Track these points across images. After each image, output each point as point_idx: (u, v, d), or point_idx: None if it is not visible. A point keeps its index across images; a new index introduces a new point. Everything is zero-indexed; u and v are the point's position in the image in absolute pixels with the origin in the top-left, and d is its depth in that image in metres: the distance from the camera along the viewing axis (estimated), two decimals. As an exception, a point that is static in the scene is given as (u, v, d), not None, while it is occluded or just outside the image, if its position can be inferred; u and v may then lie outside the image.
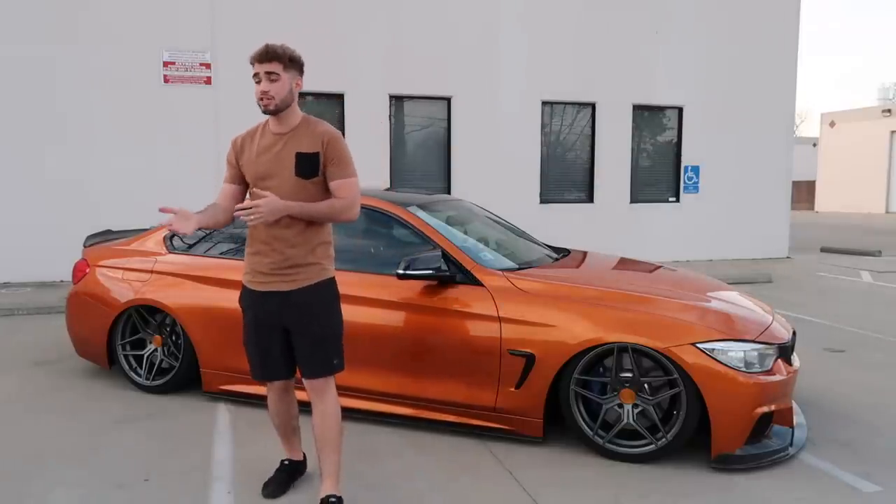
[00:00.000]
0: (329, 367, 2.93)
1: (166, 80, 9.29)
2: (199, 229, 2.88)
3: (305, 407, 3.17)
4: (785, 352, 3.60)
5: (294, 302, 2.87)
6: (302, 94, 9.70)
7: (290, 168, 2.82)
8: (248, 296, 2.98)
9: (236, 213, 2.68)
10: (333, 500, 2.92)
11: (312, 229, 2.88)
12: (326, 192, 2.88)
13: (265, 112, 2.84)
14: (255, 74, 2.79)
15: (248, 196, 3.06)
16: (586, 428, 3.54)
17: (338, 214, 2.85)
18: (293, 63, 2.83)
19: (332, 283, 2.98)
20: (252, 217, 2.64)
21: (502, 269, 3.90)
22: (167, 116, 9.28)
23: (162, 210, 2.71)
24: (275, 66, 2.77)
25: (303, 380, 2.94)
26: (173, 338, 4.55)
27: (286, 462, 3.27)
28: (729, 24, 11.78)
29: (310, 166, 2.82)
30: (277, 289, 2.87)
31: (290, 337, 2.94)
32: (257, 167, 2.88)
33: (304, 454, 3.33)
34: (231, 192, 3.01)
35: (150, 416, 4.16)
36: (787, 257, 12.41)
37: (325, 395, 2.93)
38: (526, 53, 10.75)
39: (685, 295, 3.84)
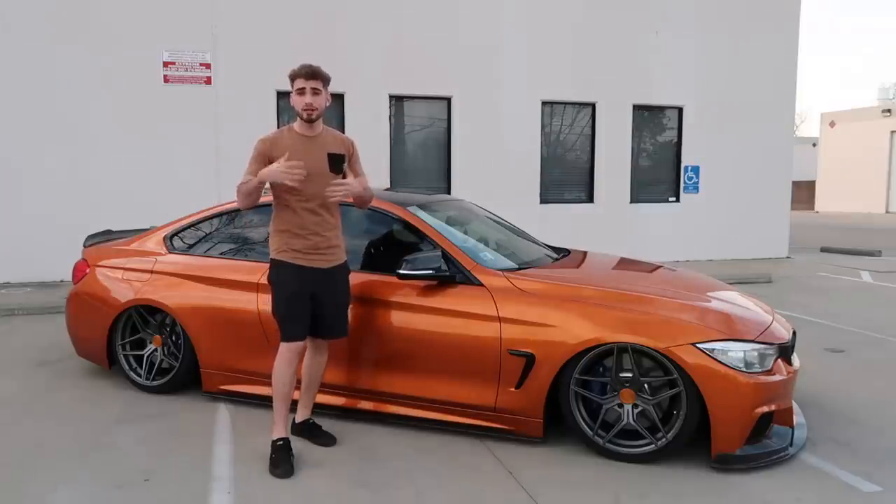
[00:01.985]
0: (347, 330, 3.69)
1: (166, 80, 9.29)
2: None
3: (322, 409, 3.21)
4: (785, 352, 3.60)
5: (331, 277, 3.50)
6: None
7: (323, 166, 3.37)
8: (287, 269, 3.42)
9: (330, 191, 3.29)
10: (312, 420, 3.79)
11: (337, 216, 3.54)
12: None
13: (308, 120, 3.37)
14: (301, 89, 3.32)
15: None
16: (586, 428, 3.54)
17: (370, 202, 3.70)
18: (328, 82, 3.40)
19: (347, 261, 3.66)
20: (341, 193, 3.32)
21: (502, 269, 3.90)
22: (167, 116, 9.27)
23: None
24: (318, 84, 3.34)
25: (319, 339, 3.62)
26: (173, 338, 4.55)
27: (281, 442, 3.41)
28: (729, 24, 11.78)
29: (339, 164, 3.43)
30: (317, 266, 3.44)
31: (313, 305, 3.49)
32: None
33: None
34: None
35: (150, 416, 4.16)
36: (788, 257, 12.41)
37: (327, 349, 3.70)
38: (526, 53, 10.74)
39: (685, 295, 3.84)
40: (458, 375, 3.72)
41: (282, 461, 3.34)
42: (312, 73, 3.31)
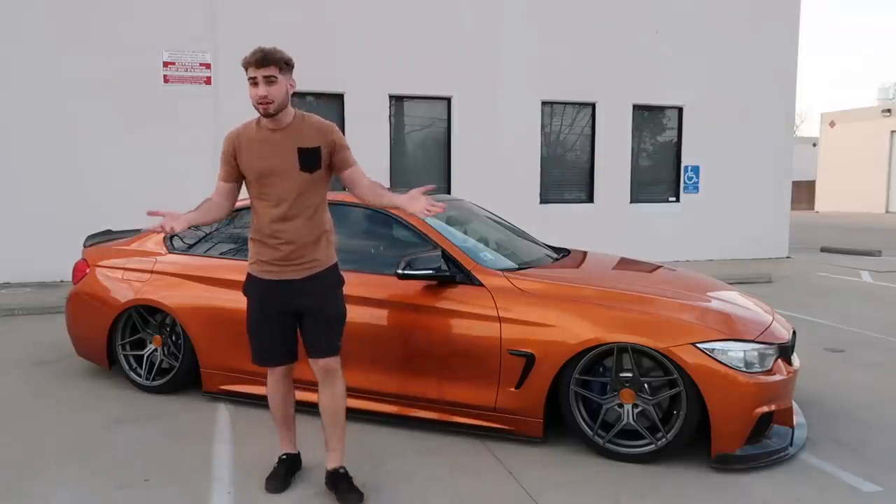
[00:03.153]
0: (337, 348, 3.09)
1: (166, 80, 9.29)
2: (193, 226, 2.99)
3: (301, 406, 3.22)
4: (785, 352, 3.60)
5: (307, 289, 3.01)
6: (302, 94, 9.69)
7: (293, 163, 2.91)
8: (256, 284, 3.07)
9: (431, 210, 2.84)
10: (342, 470, 3.13)
11: (318, 219, 3.02)
12: (325, 183, 3.04)
13: (265, 115, 2.90)
14: (253, 79, 2.84)
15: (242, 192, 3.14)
16: (586, 428, 3.54)
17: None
18: (287, 66, 2.90)
19: (337, 267, 3.15)
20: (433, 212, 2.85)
21: (502, 269, 3.90)
22: (167, 116, 9.28)
23: (150, 213, 2.77)
24: (272, 71, 2.82)
25: (313, 361, 3.07)
26: (173, 338, 4.55)
27: (284, 456, 3.30)
28: (729, 23, 11.78)
29: (313, 160, 2.94)
30: (291, 277, 2.99)
31: (295, 322, 3.08)
32: (260, 165, 2.95)
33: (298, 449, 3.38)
34: (227, 190, 3.07)
35: (150, 416, 4.16)
36: (787, 257, 12.41)
37: (335, 376, 3.09)
38: (526, 53, 10.75)
39: (685, 295, 3.84)
40: (458, 375, 3.72)
41: (274, 476, 3.22)
42: (264, 60, 2.79)
